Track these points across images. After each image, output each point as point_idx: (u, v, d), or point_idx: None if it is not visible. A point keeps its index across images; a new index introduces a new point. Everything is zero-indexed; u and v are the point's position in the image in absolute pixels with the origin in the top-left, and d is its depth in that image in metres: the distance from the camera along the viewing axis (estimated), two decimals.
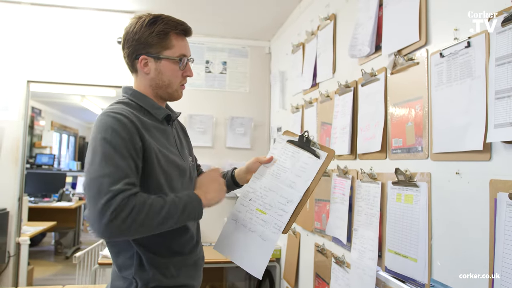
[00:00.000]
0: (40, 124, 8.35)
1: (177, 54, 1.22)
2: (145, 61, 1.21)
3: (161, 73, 1.22)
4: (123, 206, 0.98)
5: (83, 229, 6.69)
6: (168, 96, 1.26)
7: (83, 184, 1.07)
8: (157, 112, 1.23)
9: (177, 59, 1.22)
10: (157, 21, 1.20)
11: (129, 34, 1.21)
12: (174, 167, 1.19)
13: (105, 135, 1.06)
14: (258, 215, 1.29)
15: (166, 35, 1.20)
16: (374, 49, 1.62)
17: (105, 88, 3.64)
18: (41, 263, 5.14)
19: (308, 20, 2.49)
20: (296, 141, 1.38)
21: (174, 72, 1.23)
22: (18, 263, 3.12)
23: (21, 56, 3.13)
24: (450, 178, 1.14)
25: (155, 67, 1.21)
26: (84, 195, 1.07)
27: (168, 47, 1.21)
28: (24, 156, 3.18)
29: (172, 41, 1.22)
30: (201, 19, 3.16)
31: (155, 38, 1.19)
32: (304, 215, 2.35)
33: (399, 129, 1.41)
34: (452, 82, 1.15)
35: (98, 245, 3.18)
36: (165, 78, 1.22)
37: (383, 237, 1.46)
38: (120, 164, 1.03)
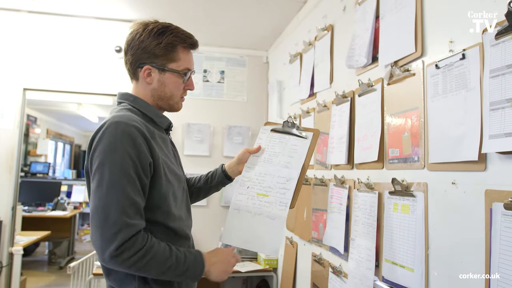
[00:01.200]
0: (36, 132, 8.31)
1: (182, 67, 1.21)
2: (148, 71, 1.19)
3: (164, 85, 1.21)
4: (130, 244, 0.98)
5: (77, 238, 6.62)
6: (168, 107, 1.26)
7: (90, 206, 1.04)
8: (161, 121, 1.23)
9: (181, 73, 1.21)
10: (166, 32, 1.18)
11: (134, 41, 1.18)
12: (174, 177, 1.19)
13: (115, 155, 1.03)
14: (260, 199, 1.30)
15: (173, 47, 1.19)
16: (371, 60, 1.64)
17: (102, 96, 3.64)
18: (34, 273, 5.08)
19: (306, 30, 2.52)
20: (280, 128, 1.42)
21: (177, 85, 1.22)
22: (10, 273, 3.07)
23: (17, 63, 3.13)
24: (446, 188, 1.15)
25: (158, 78, 1.20)
26: (90, 216, 1.04)
27: (174, 59, 1.20)
28: (19, 164, 3.16)
29: (178, 54, 1.20)
30: (200, 28, 3.18)
31: (162, 50, 1.17)
32: (301, 225, 2.35)
33: (395, 139, 1.42)
34: (447, 93, 1.16)
35: (93, 255, 3.15)
36: (168, 90, 1.21)
37: (380, 247, 1.46)
38: (128, 190, 1.02)
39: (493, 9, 1.02)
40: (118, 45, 3.30)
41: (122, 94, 1.24)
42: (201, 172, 1.55)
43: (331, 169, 1.97)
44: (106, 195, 1.00)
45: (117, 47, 3.30)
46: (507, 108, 0.94)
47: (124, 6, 2.87)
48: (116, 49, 3.30)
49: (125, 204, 1.00)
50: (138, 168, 1.04)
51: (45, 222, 5.20)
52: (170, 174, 1.16)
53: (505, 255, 0.93)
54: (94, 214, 1.01)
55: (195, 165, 3.25)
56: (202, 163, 3.36)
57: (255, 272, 2.91)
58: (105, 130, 1.06)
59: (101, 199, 1.01)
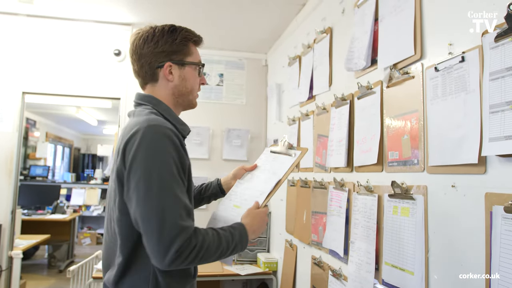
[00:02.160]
0: (35, 135, 8.30)
1: (196, 60, 1.26)
2: (169, 68, 1.20)
3: (185, 80, 1.23)
4: (187, 245, 0.99)
5: (77, 242, 6.60)
6: (188, 103, 1.27)
7: (140, 212, 1.01)
8: (183, 128, 1.24)
9: (199, 64, 1.26)
10: (177, 29, 1.23)
11: (148, 43, 1.19)
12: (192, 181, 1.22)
13: (160, 158, 1.03)
14: (234, 210, 1.33)
15: (187, 42, 1.23)
16: (370, 62, 1.64)
17: (101, 99, 3.64)
18: (34, 277, 5.06)
19: (305, 33, 2.52)
20: (277, 149, 1.48)
21: (195, 78, 1.26)
22: (10, 277, 3.07)
23: (16, 67, 3.13)
24: (446, 191, 1.15)
25: (179, 74, 1.22)
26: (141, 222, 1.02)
27: (189, 53, 1.24)
28: (18, 168, 3.15)
29: (191, 49, 1.25)
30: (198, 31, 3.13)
31: (179, 46, 1.21)
32: (301, 228, 2.35)
33: (395, 142, 1.42)
34: (447, 96, 1.16)
35: (93, 258, 3.14)
36: (188, 84, 1.24)
37: (380, 250, 1.46)
38: (178, 192, 1.03)
39: (492, 11, 1.02)
40: (117, 49, 3.30)
41: (144, 96, 1.23)
42: (200, 175, 1.57)
43: (330, 172, 1.97)
44: (158, 200, 1.00)
45: (116, 50, 3.30)
46: (507, 111, 0.94)
47: (123, 10, 2.87)
48: (115, 53, 3.30)
49: (178, 207, 1.01)
50: (180, 171, 1.07)
51: (45, 226, 5.20)
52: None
53: (506, 258, 0.92)
54: (149, 220, 1.00)
55: (194, 168, 3.19)
56: (201, 166, 3.36)
57: (255, 275, 2.90)
58: (143, 134, 1.05)
59: (153, 205, 1.00)
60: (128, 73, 3.33)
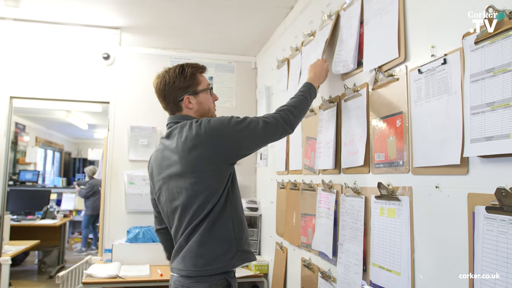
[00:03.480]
0: (24, 140, 8.22)
1: (205, 85, 1.58)
2: (188, 99, 1.53)
3: (202, 104, 1.56)
4: (287, 117, 1.55)
5: (67, 247, 6.54)
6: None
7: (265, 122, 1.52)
8: None
9: (208, 89, 1.59)
10: (184, 67, 1.55)
11: (167, 85, 1.53)
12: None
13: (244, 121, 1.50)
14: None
15: (194, 75, 1.55)
16: (357, 65, 1.65)
17: (90, 103, 3.63)
18: (23, 283, 5.00)
19: (293, 36, 2.54)
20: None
21: (208, 99, 1.59)
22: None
23: (4, 71, 3.11)
24: (430, 192, 1.16)
25: (196, 101, 1.55)
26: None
27: (199, 83, 1.56)
28: (6, 173, 3.12)
29: (199, 78, 1.57)
30: (188, 34, 3.18)
31: (190, 80, 1.54)
32: (291, 230, 2.35)
33: (381, 144, 1.43)
34: (430, 98, 1.17)
35: (83, 264, 3.11)
36: (205, 106, 1.57)
37: (367, 251, 1.47)
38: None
39: (473, 14, 1.03)
40: (105, 52, 3.29)
41: (183, 116, 1.55)
42: None
43: (319, 174, 1.98)
44: (262, 130, 1.48)
45: (104, 54, 3.29)
46: (487, 112, 0.95)
47: (111, 13, 2.85)
48: (104, 56, 3.29)
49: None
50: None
51: (35, 231, 5.14)
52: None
53: (488, 257, 0.93)
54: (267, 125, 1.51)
55: None
56: None
57: (246, 278, 2.90)
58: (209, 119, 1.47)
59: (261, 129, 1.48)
60: (117, 77, 3.34)
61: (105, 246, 3.12)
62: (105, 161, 3.33)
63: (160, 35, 3.21)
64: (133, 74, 3.37)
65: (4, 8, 2.76)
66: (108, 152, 3.29)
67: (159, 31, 3.13)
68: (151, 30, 3.12)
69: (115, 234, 3.14)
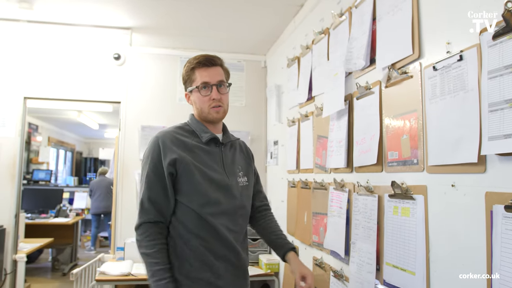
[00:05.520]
0: (37, 140, 8.33)
1: (198, 83, 1.43)
2: (187, 96, 1.50)
3: (195, 103, 1.47)
4: (140, 233, 1.35)
5: (80, 245, 6.61)
6: (206, 119, 1.46)
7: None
8: (203, 135, 1.44)
9: (196, 87, 1.43)
10: (186, 63, 1.48)
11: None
12: (208, 181, 1.37)
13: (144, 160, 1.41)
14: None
15: (192, 71, 1.45)
16: (369, 62, 1.63)
17: (102, 103, 3.65)
18: (38, 280, 5.07)
19: (303, 34, 2.52)
20: None
21: (200, 98, 1.44)
22: (14, 280, 3.09)
23: (18, 73, 3.15)
24: (446, 191, 1.14)
25: (192, 99, 1.48)
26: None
27: (194, 80, 1.45)
28: (21, 172, 3.17)
29: (195, 74, 1.45)
30: (197, 34, 3.19)
31: (187, 75, 1.47)
32: (302, 229, 2.34)
33: (394, 142, 1.41)
34: (445, 95, 1.16)
35: (96, 261, 3.14)
36: (198, 105, 1.45)
37: (381, 250, 1.45)
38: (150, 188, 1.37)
39: (491, 9, 1.01)
40: (116, 53, 3.31)
41: (191, 114, 1.53)
42: None
43: (330, 173, 1.96)
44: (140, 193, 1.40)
45: (115, 54, 3.31)
46: (506, 109, 0.94)
47: (122, 14, 2.87)
48: (115, 57, 3.31)
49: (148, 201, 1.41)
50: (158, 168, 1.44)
51: (48, 229, 5.21)
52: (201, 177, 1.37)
53: (507, 257, 0.92)
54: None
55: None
56: None
57: (257, 276, 2.90)
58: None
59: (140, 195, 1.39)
60: (128, 77, 3.36)
61: (117, 244, 3.15)
62: (117, 161, 3.35)
63: (170, 35, 3.22)
64: (143, 74, 3.38)
65: (19, 10, 2.80)
66: (120, 152, 3.32)
67: (169, 31, 3.14)
68: (161, 30, 3.13)
69: (127, 232, 3.17)
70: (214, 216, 1.35)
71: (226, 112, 1.49)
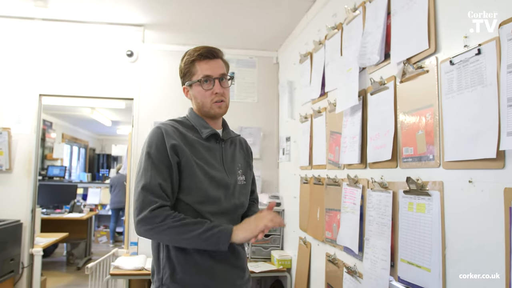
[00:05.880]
0: (51, 137, 8.46)
1: (200, 76, 1.36)
2: (185, 90, 1.43)
3: (195, 97, 1.40)
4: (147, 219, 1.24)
5: (94, 240, 6.72)
6: (207, 114, 1.40)
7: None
8: (203, 131, 1.39)
9: (198, 80, 1.36)
10: (186, 53, 1.40)
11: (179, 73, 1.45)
12: (208, 178, 1.32)
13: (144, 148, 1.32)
14: None
15: (192, 63, 1.38)
16: (383, 57, 1.62)
17: (115, 100, 3.69)
18: (53, 274, 5.17)
19: (316, 29, 2.51)
20: None
21: (202, 93, 1.38)
22: (31, 274, 3.15)
23: (33, 70, 3.20)
24: (463, 187, 1.13)
25: (191, 93, 1.41)
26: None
27: (194, 73, 1.38)
28: (37, 168, 3.22)
29: (196, 67, 1.38)
30: (209, 30, 3.19)
31: (185, 69, 1.39)
32: (315, 225, 2.34)
33: (409, 138, 1.40)
34: (463, 90, 1.14)
35: (110, 256, 3.19)
36: (199, 100, 1.39)
37: (395, 247, 1.44)
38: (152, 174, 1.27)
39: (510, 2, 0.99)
40: (129, 49, 3.34)
41: (190, 108, 1.47)
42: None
43: (343, 169, 1.95)
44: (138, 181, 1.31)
45: (128, 51, 3.33)
46: None
47: (135, 11, 2.89)
48: (128, 53, 3.33)
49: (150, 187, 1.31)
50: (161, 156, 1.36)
51: (63, 224, 5.31)
52: (201, 174, 1.31)
53: None
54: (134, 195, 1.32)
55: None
56: None
57: (269, 272, 2.91)
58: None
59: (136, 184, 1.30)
60: (141, 74, 3.38)
61: (131, 239, 3.19)
62: (130, 157, 3.39)
63: (183, 32, 3.23)
64: (156, 71, 3.40)
65: (33, 8, 2.84)
66: (133, 148, 3.35)
67: (182, 27, 3.15)
68: (174, 27, 3.15)
69: None
70: (213, 215, 1.31)
71: (228, 107, 1.43)
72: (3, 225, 2.81)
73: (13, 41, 3.17)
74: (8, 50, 3.17)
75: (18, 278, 3.05)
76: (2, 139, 3.07)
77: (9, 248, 2.88)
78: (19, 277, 3.06)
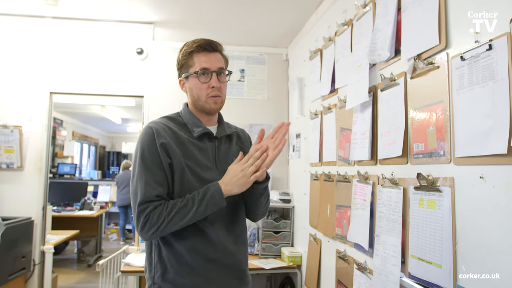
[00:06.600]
0: (62, 134, 8.56)
1: (197, 69, 1.34)
2: (182, 82, 1.40)
3: (191, 90, 1.37)
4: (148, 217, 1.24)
5: (104, 237, 6.79)
6: (201, 108, 1.38)
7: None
8: (195, 130, 1.37)
9: (195, 73, 1.34)
10: (184, 45, 1.38)
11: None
12: (198, 180, 1.30)
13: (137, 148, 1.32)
14: None
15: (190, 55, 1.35)
16: (394, 53, 1.61)
17: (125, 98, 3.72)
18: (64, 271, 5.24)
19: (325, 26, 2.50)
20: None
21: (198, 85, 1.35)
22: (43, 271, 3.19)
23: (44, 68, 3.24)
24: (474, 183, 1.13)
25: (187, 86, 1.38)
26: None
27: (192, 65, 1.35)
28: (48, 166, 3.26)
29: (193, 59, 1.35)
30: (219, 28, 3.21)
31: (182, 60, 1.37)
32: (325, 221, 2.34)
33: (420, 134, 1.40)
34: (474, 86, 1.13)
35: (120, 253, 3.23)
36: (194, 93, 1.36)
37: (406, 243, 1.44)
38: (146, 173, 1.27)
39: None
40: (139, 47, 3.36)
41: (185, 103, 1.45)
42: None
43: (354, 165, 1.96)
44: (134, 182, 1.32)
45: (138, 49, 3.36)
46: None
47: (145, 9, 2.91)
48: (138, 51, 3.36)
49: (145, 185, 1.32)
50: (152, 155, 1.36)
51: (74, 222, 5.37)
52: (191, 175, 1.30)
53: None
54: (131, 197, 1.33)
55: None
56: None
57: (279, 269, 2.92)
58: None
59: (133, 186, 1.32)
60: (151, 71, 3.41)
61: None
62: None
63: (192, 29, 3.25)
64: (166, 68, 3.42)
65: (44, 7, 2.88)
66: None
67: (191, 25, 3.17)
68: (183, 24, 3.16)
69: None
70: (206, 217, 1.28)
71: (223, 103, 1.40)
72: (15, 222, 2.85)
73: (24, 39, 3.22)
74: (18, 48, 3.22)
75: (29, 275, 3.10)
76: (14, 137, 3.11)
77: (21, 245, 2.93)
78: (31, 274, 3.11)
